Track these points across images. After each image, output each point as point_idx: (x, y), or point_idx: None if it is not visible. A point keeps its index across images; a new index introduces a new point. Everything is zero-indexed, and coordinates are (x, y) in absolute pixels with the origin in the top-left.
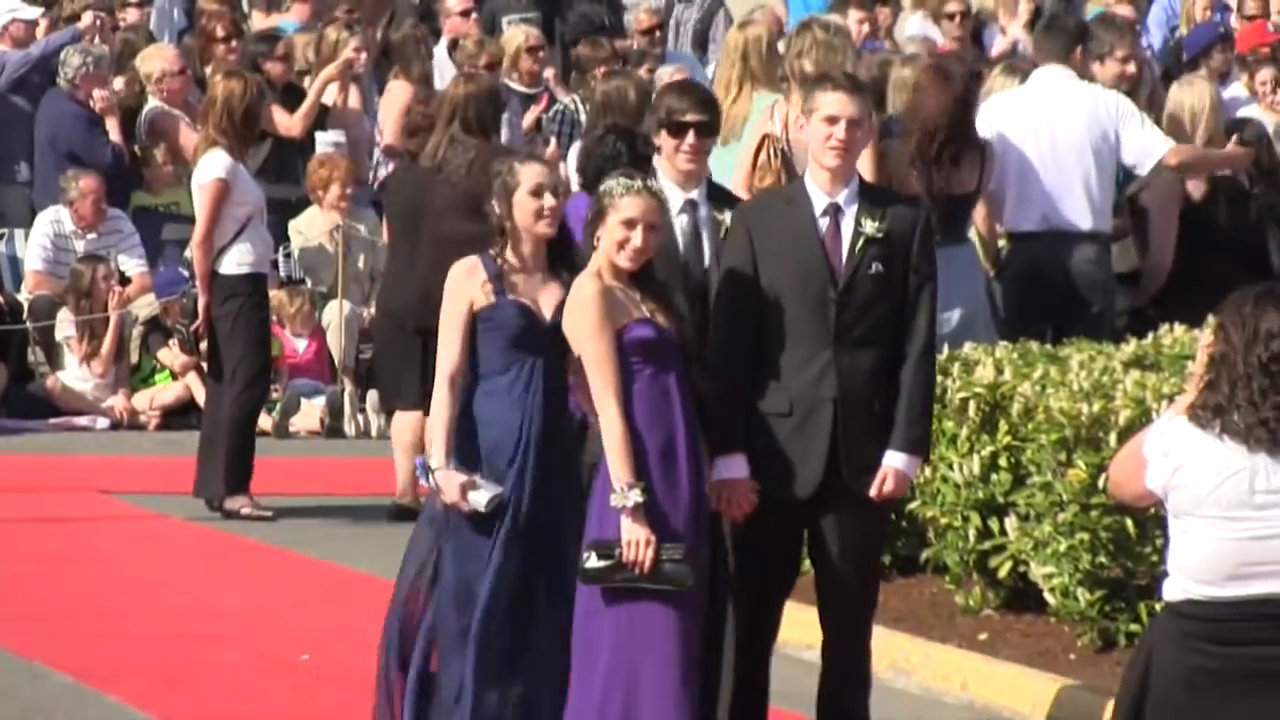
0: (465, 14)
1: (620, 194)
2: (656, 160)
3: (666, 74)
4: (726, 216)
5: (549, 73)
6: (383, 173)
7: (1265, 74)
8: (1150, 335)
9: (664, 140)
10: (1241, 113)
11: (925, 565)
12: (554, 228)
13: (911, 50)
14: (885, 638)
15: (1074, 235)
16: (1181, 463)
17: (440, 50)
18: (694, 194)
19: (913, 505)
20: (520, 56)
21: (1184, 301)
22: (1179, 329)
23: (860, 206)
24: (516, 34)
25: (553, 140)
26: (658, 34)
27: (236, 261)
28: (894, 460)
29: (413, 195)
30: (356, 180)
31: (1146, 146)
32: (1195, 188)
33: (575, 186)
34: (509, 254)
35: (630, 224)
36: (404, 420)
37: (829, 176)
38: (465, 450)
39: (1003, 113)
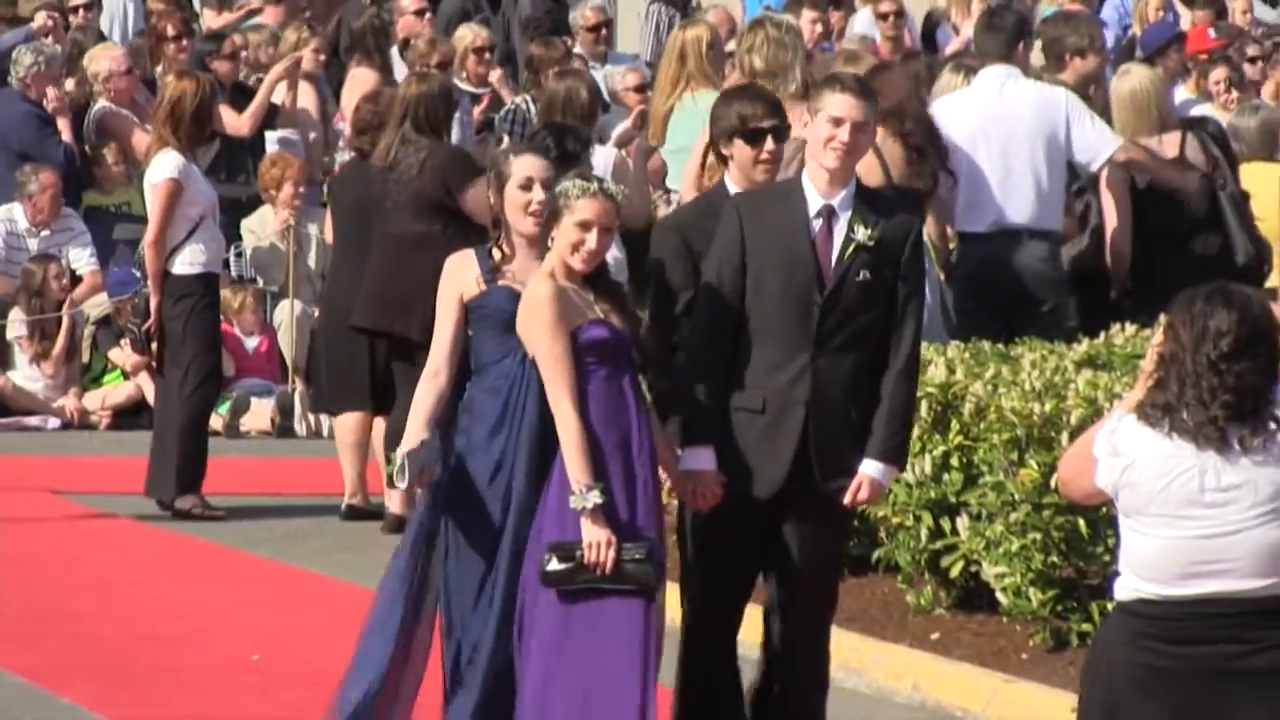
0: (419, 13)
1: (576, 196)
2: (730, 169)
3: (617, 73)
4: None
5: (495, 75)
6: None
7: (1218, 74)
8: (1102, 335)
9: (738, 149)
10: (1195, 112)
11: (877, 565)
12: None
13: (852, 49)
14: (837, 637)
15: (1024, 234)
16: (1131, 461)
17: (392, 49)
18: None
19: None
20: (468, 56)
21: (1157, 290)
22: (1130, 328)
23: (855, 211)
24: (465, 34)
25: (505, 139)
26: (603, 32)
27: (189, 261)
28: (870, 469)
29: (361, 194)
30: (308, 179)
31: (1096, 144)
32: (1141, 176)
33: None
34: (504, 246)
35: (585, 226)
36: (348, 421)
37: (827, 178)
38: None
39: (950, 113)
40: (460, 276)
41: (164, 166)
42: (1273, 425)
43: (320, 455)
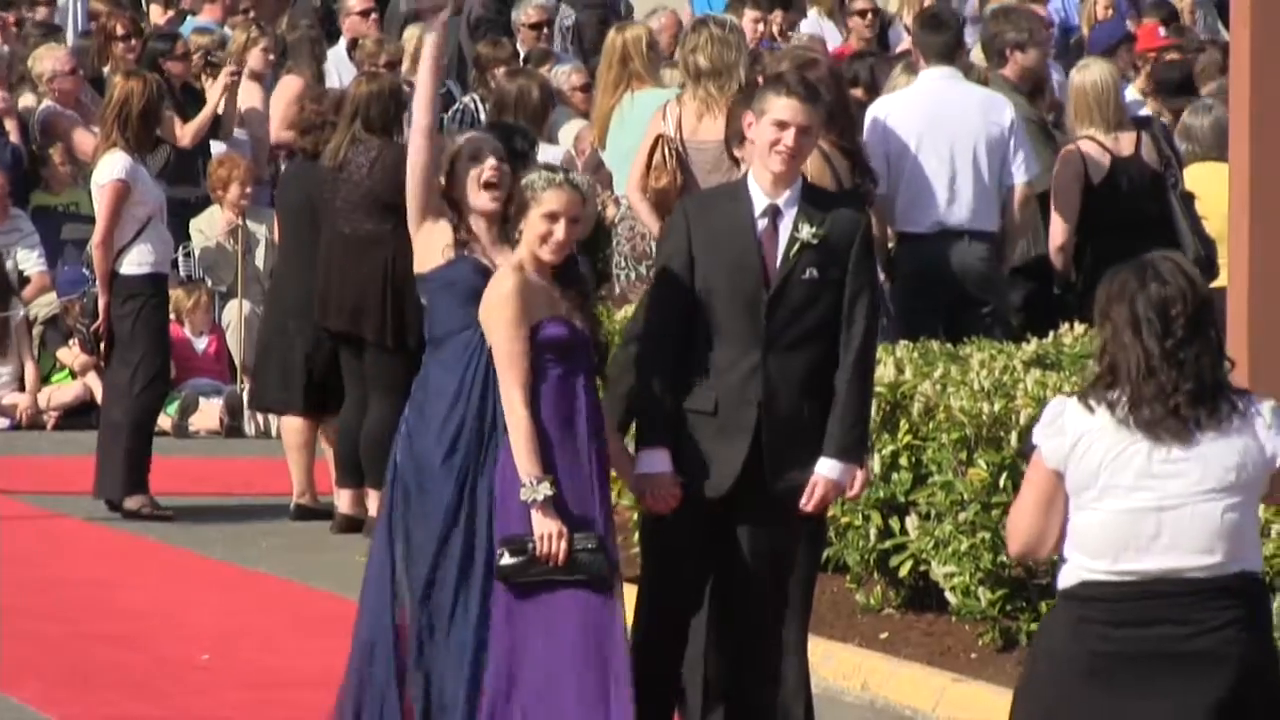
0: (364, 14)
1: (542, 187)
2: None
3: (562, 72)
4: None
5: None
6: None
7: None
8: (1051, 334)
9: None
10: (1144, 111)
11: (826, 565)
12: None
13: (801, 48)
14: None
15: (966, 235)
16: (1081, 435)
17: (340, 50)
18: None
19: None
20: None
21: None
22: (1079, 327)
23: (800, 210)
24: (416, 32)
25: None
26: (545, 30)
27: (137, 262)
28: (825, 468)
29: (309, 193)
30: (256, 179)
31: (1016, 166)
32: (1097, 170)
33: None
34: (465, 231)
35: (552, 217)
36: (294, 421)
37: (771, 179)
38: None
39: (891, 114)
40: (433, 237)
41: (111, 167)
42: (1226, 406)
43: (269, 455)
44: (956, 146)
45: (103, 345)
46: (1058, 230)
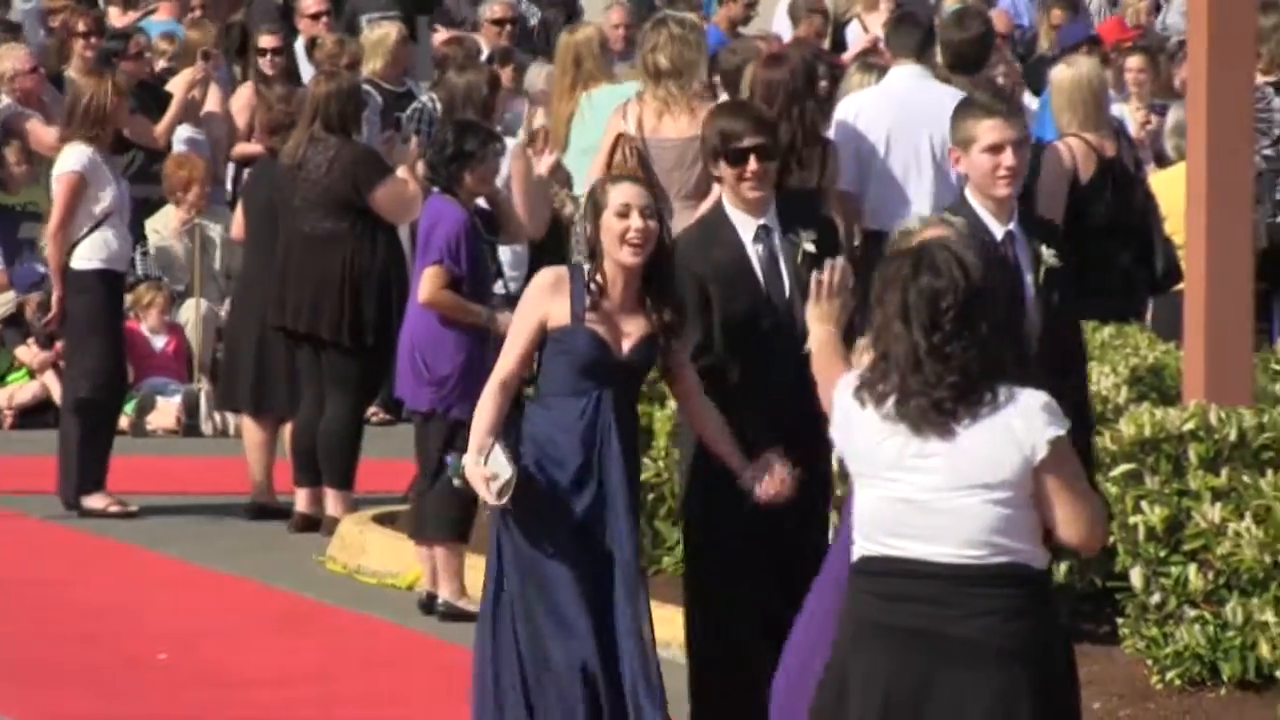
0: (315, 16)
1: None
2: (723, 189)
3: (542, 74)
4: (805, 237)
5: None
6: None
7: (1134, 61)
8: None
9: (723, 169)
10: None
11: None
12: (640, 255)
13: (754, 44)
14: (661, 612)
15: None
16: (848, 418)
17: (298, 49)
18: (765, 219)
19: None
20: (397, 50)
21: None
22: None
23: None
24: (389, 30)
25: (413, 138)
26: (508, 27)
27: (87, 257)
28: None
29: (273, 193)
30: (213, 179)
31: None
32: (1085, 168)
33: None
34: (600, 277)
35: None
36: (256, 420)
37: (995, 205)
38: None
39: (860, 112)
40: (549, 298)
41: (70, 159)
42: (987, 399)
43: (226, 454)
44: (927, 145)
45: (58, 343)
46: None
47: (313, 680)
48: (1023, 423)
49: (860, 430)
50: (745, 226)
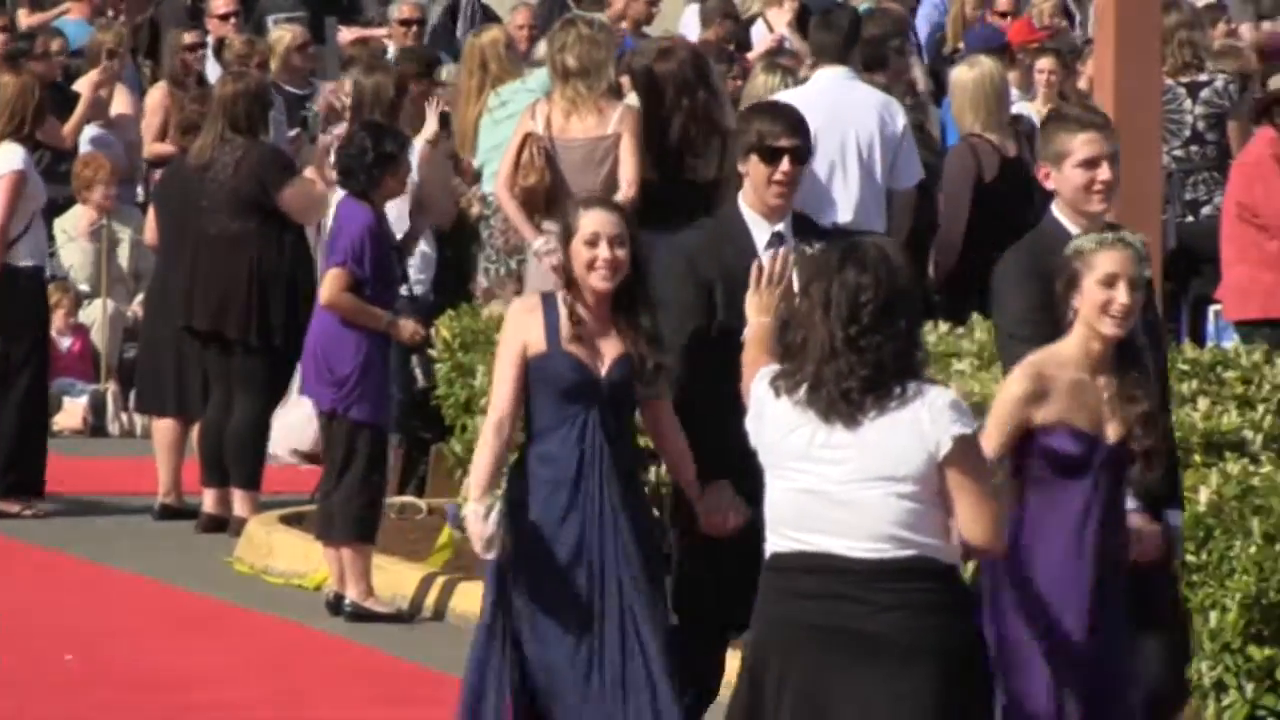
0: (225, 17)
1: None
2: (743, 190)
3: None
4: (816, 249)
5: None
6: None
7: (1044, 63)
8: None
9: (753, 166)
10: (1018, 108)
11: None
12: (609, 282)
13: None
14: None
15: (860, 235)
16: (761, 410)
17: (207, 50)
18: (780, 226)
19: None
20: (290, 55)
21: (972, 287)
22: (943, 325)
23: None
24: (284, 34)
25: (319, 138)
26: (414, 28)
27: (25, 255)
28: None
29: (182, 194)
30: (120, 179)
31: (903, 171)
32: (988, 169)
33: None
34: (575, 305)
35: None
36: (166, 421)
37: (1085, 222)
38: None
39: None
40: (524, 327)
41: (11, 158)
42: (896, 392)
43: (133, 455)
44: (852, 147)
45: None
46: (949, 228)
47: (220, 681)
48: (929, 417)
49: (770, 422)
50: (760, 231)
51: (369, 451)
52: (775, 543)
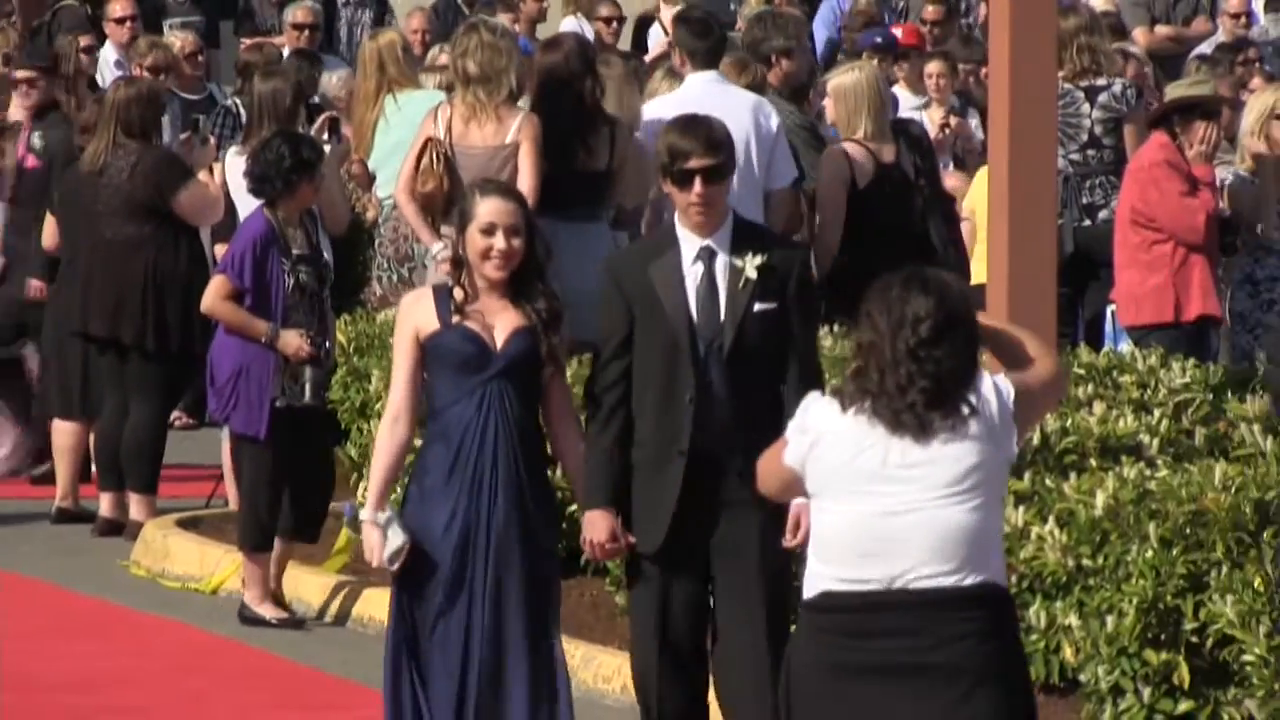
0: (120, 21)
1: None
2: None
3: (333, 78)
4: (750, 263)
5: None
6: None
7: (933, 66)
8: None
9: (670, 188)
10: (904, 113)
11: (586, 568)
12: (503, 271)
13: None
14: None
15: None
16: (819, 436)
17: (108, 52)
18: (710, 240)
19: (574, 507)
20: (180, 61)
21: (854, 291)
22: (838, 329)
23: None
24: (175, 39)
25: (210, 140)
26: (308, 32)
27: None
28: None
29: (78, 198)
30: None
31: (778, 172)
32: (862, 174)
33: (245, 190)
34: (466, 287)
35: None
36: (66, 425)
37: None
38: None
39: (663, 118)
40: (414, 314)
41: None
42: (964, 409)
43: None
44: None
45: None
46: (825, 232)
47: (119, 684)
48: (999, 423)
49: (833, 443)
50: (689, 246)
51: (249, 461)
52: (820, 583)
